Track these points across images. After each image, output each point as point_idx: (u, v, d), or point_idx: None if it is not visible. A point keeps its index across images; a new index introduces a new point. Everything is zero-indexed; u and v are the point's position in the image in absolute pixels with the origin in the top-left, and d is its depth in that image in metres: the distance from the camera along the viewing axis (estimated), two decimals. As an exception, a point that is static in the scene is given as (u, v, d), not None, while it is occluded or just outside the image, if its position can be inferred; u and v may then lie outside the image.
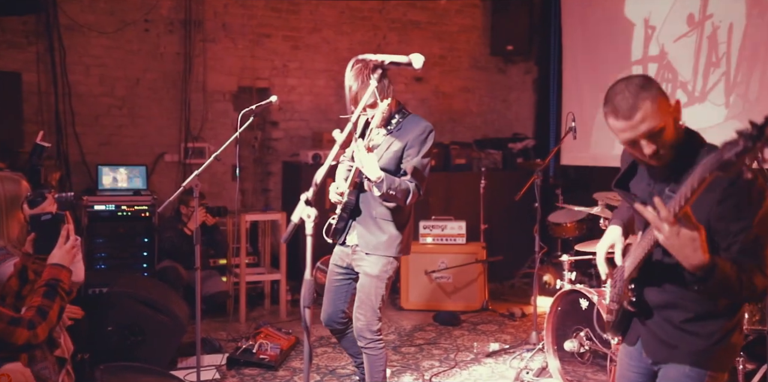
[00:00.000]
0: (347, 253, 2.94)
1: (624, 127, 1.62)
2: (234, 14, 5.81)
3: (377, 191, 2.64)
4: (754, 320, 2.90)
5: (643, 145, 1.63)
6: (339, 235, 2.93)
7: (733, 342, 1.75)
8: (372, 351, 2.87)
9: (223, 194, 5.87)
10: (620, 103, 1.61)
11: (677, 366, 1.77)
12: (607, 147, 5.54)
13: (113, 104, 5.49)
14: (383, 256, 2.83)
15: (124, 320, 3.47)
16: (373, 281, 2.84)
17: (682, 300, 1.73)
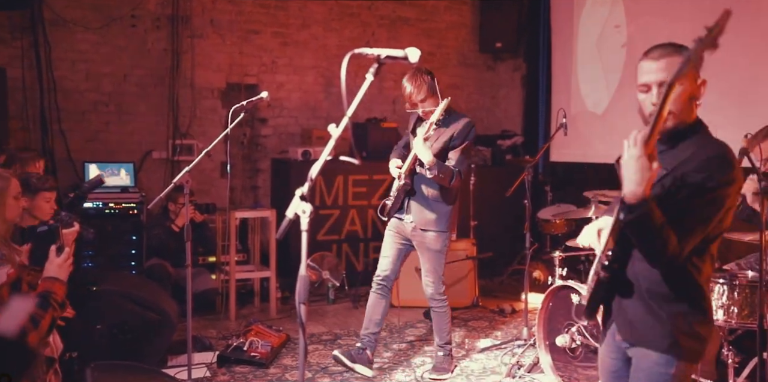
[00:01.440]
0: (405, 227, 3.54)
1: (648, 68, 1.76)
2: (222, 10, 5.77)
3: (429, 173, 3.26)
4: (743, 314, 2.93)
5: (654, 93, 1.74)
6: (394, 212, 3.55)
7: (700, 332, 1.78)
8: (441, 310, 3.59)
9: (212, 191, 5.83)
10: (657, 48, 1.78)
11: (645, 352, 1.80)
12: (595, 144, 5.58)
13: (100, 100, 5.43)
14: (439, 231, 3.44)
15: (113, 318, 3.43)
16: (436, 254, 3.50)
17: (645, 275, 1.78)
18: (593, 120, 5.54)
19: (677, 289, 1.77)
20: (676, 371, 1.77)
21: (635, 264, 1.81)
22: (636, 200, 1.61)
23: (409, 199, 3.50)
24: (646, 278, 1.78)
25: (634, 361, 1.87)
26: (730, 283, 2.93)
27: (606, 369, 1.99)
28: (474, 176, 5.44)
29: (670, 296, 1.77)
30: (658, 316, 1.77)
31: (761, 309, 2.71)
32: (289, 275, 5.28)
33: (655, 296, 1.78)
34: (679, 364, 1.77)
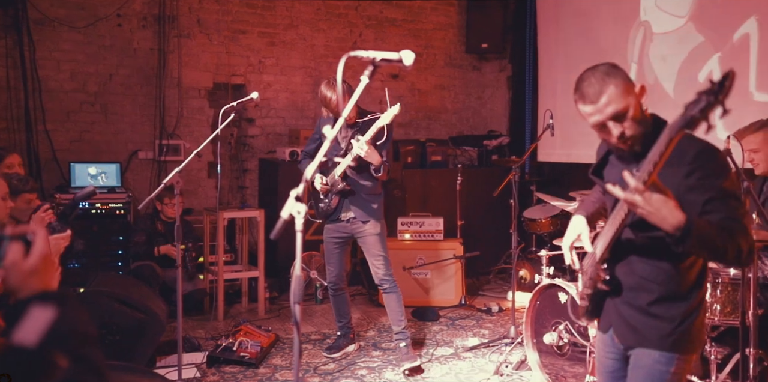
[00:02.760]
0: (344, 225, 3.81)
1: (592, 111, 1.73)
2: (209, 10, 5.75)
3: (376, 173, 3.57)
4: (725, 311, 2.99)
5: (611, 128, 1.72)
6: (332, 214, 3.79)
7: (696, 324, 1.81)
8: (393, 290, 3.78)
9: (199, 191, 5.81)
10: (587, 89, 1.73)
11: (646, 352, 1.83)
12: (581, 144, 5.63)
13: (85, 100, 5.38)
14: (377, 218, 3.76)
15: (101, 319, 3.41)
16: (378, 238, 3.76)
17: (648, 282, 1.80)
18: (579, 121, 5.59)
19: (683, 288, 1.79)
20: (676, 369, 1.80)
21: (637, 269, 1.81)
22: (680, 228, 1.57)
23: (345, 199, 3.75)
24: (651, 281, 1.79)
25: (632, 359, 1.89)
26: (713, 281, 2.99)
27: (604, 370, 2.01)
28: (461, 176, 5.48)
29: (675, 296, 1.79)
30: (661, 318, 1.80)
31: (743, 306, 2.77)
32: (277, 275, 5.28)
33: (664, 299, 1.79)
34: (679, 361, 1.80)
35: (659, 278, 1.79)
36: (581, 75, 1.78)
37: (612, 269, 1.84)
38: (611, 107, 1.70)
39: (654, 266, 1.78)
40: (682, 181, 1.69)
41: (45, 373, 0.99)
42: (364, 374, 3.70)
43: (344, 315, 4.02)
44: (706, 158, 1.70)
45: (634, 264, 1.82)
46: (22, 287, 1.10)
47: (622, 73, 1.75)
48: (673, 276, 1.78)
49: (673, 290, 1.79)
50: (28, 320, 1.01)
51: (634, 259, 1.82)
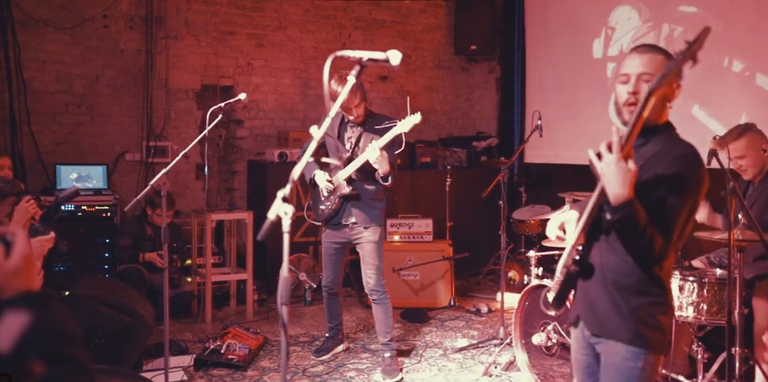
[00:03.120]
0: (344, 230, 3.71)
1: (632, 60, 1.86)
2: (197, 11, 5.73)
3: (390, 179, 3.46)
4: (712, 311, 3.01)
5: (631, 83, 1.84)
6: (333, 217, 3.68)
7: (662, 323, 1.84)
8: (384, 301, 3.70)
9: (187, 193, 5.78)
10: (644, 46, 1.90)
11: (612, 347, 1.86)
12: (569, 145, 5.67)
13: (71, 102, 5.34)
14: (378, 225, 3.66)
15: (87, 322, 3.38)
16: (377, 246, 3.67)
17: (612, 271, 1.84)
18: (567, 122, 5.63)
19: (642, 282, 1.82)
20: (644, 365, 1.82)
21: (603, 257, 1.87)
22: (621, 201, 1.67)
23: (348, 203, 3.64)
24: (613, 271, 1.85)
25: (602, 358, 1.92)
26: (700, 281, 3.01)
27: (579, 366, 2.05)
28: (450, 177, 5.48)
29: (634, 288, 1.83)
30: (622, 308, 1.83)
31: (729, 306, 2.79)
32: (266, 278, 5.26)
33: (620, 289, 1.84)
34: (646, 357, 1.82)
35: (621, 267, 1.83)
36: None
37: (586, 252, 1.89)
38: (645, 67, 1.82)
39: (617, 254, 1.83)
40: (654, 176, 1.77)
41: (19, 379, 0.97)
42: (352, 376, 3.69)
43: (336, 317, 4.00)
44: (685, 165, 1.77)
45: (603, 252, 1.87)
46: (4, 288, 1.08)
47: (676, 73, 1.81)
48: (633, 267, 1.82)
49: (635, 282, 1.83)
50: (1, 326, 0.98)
51: (603, 246, 1.87)
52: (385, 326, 3.71)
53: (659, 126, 1.85)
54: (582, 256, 1.88)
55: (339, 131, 3.63)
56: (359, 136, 3.61)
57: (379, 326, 3.74)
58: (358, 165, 3.50)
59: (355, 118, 3.55)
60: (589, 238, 1.88)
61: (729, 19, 4.35)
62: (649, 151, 1.82)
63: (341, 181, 3.59)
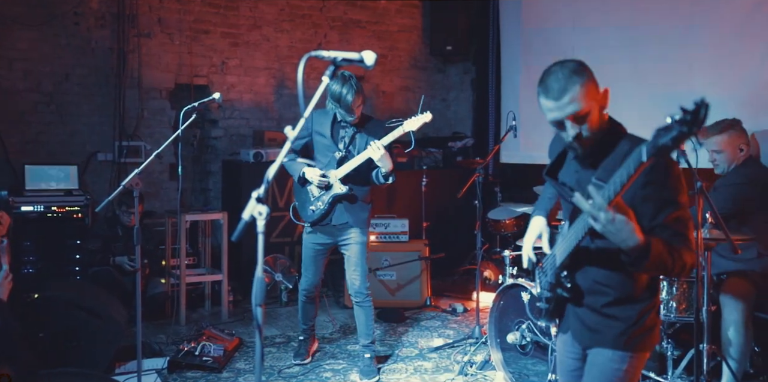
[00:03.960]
0: (332, 231, 3.65)
1: (552, 106, 1.72)
2: (170, 9, 5.65)
3: (392, 179, 3.50)
4: (681, 308, 3.08)
5: (568, 127, 1.72)
6: (323, 218, 3.61)
7: (648, 323, 1.86)
8: (367, 304, 3.69)
9: (160, 193, 5.70)
10: (552, 84, 1.71)
11: (601, 350, 1.88)
12: (543, 146, 5.72)
13: (40, 101, 5.23)
14: (366, 227, 3.66)
15: (57, 325, 3.32)
16: (363, 247, 3.64)
17: (603, 286, 1.84)
18: (541, 122, 5.68)
19: (633, 292, 1.83)
20: (628, 367, 1.84)
21: (591, 274, 1.86)
22: (638, 250, 1.60)
23: (339, 204, 3.59)
24: (606, 286, 1.84)
25: (589, 358, 1.94)
26: (669, 279, 3.07)
27: (565, 369, 2.06)
28: (425, 178, 5.50)
29: (626, 299, 1.83)
30: (616, 318, 1.84)
31: (698, 303, 2.85)
32: (241, 279, 5.21)
33: (612, 304, 1.84)
34: (632, 359, 1.84)
35: (613, 282, 1.83)
36: (549, 68, 1.74)
37: (571, 274, 1.87)
38: (572, 107, 1.69)
39: (608, 271, 1.82)
40: (637, 191, 1.69)
41: None
42: (329, 377, 3.68)
43: (310, 319, 3.95)
44: (663, 171, 1.69)
45: (590, 269, 1.86)
46: None
47: (590, 73, 1.74)
48: (626, 280, 1.82)
49: (627, 294, 1.83)
50: None
51: (591, 264, 1.85)
52: (366, 328, 3.70)
53: (607, 134, 1.79)
54: (570, 281, 1.86)
55: (332, 131, 3.57)
56: (353, 136, 3.56)
57: (361, 329, 3.71)
58: (357, 164, 3.46)
59: (354, 119, 3.50)
60: (574, 257, 1.83)
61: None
62: (619, 154, 1.72)
63: (336, 181, 3.53)
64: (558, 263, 1.87)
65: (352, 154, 3.52)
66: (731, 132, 3.28)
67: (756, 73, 4.18)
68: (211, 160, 5.97)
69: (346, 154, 3.54)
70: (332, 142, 3.56)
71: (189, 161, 5.83)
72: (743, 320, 3.11)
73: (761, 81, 4.16)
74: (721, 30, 4.31)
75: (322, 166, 3.58)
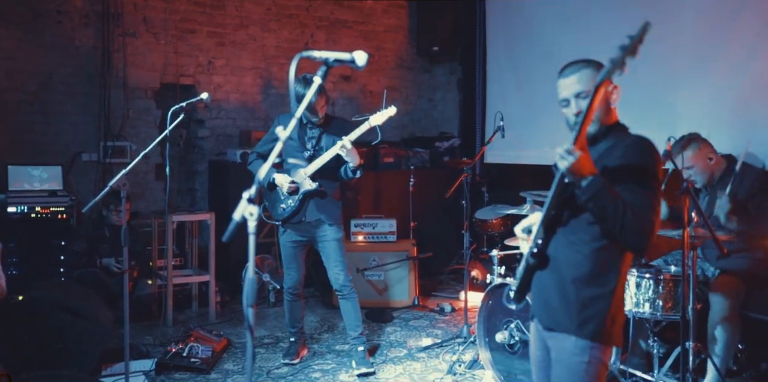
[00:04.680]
0: (306, 228, 3.71)
1: (562, 85, 1.97)
2: (155, 8, 5.61)
3: (353, 174, 3.57)
4: (667, 307, 3.11)
5: (572, 105, 1.95)
6: (294, 215, 3.66)
7: (609, 315, 1.90)
8: (352, 296, 3.77)
9: (146, 194, 5.66)
10: (567, 66, 1.98)
11: (560, 341, 1.93)
12: (530, 146, 5.76)
13: (23, 100, 5.17)
14: (339, 223, 3.73)
15: (43, 327, 3.28)
16: (340, 243, 3.72)
17: (564, 263, 1.92)
18: (527, 122, 5.72)
19: (593, 274, 1.89)
20: (590, 358, 1.89)
21: (559, 250, 1.93)
22: (590, 182, 1.77)
23: (310, 200, 3.66)
24: (566, 263, 1.92)
25: (552, 353, 1.99)
26: (656, 277, 3.11)
27: (533, 359, 2.13)
28: (413, 178, 5.52)
29: (585, 280, 1.89)
30: (571, 299, 1.90)
31: (684, 302, 2.89)
32: (229, 279, 5.19)
33: (572, 281, 1.90)
34: (593, 350, 1.88)
35: (575, 259, 1.90)
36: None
37: (544, 245, 1.96)
38: (577, 86, 1.92)
39: (573, 248, 1.91)
40: (614, 161, 1.87)
41: None
42: (317, 377, 3.68)
43: (298, 321, 3.96)
44: (636, 147, 1.88)
45: (559, 245, 1.94)
46: None
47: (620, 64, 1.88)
48: (586, 258, 1.89)
49: (585, 273, 1.89)
50: None
51: (558, 238, 1.94)
52: (355, 320, 3.77)
53: (610, 126, 1.96)
54: (540, 249, 1.95)
55: (299, 132, 3.67)
56: (320, 136, 3.66)
57: (349, 321, 3.77)
58: (325, 161, 3.54)
59: (319, 119, 3.61)
60: (547, 232, 1.94)
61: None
62: (601, 147, 1.93)
63: (306, 178, 3.60)
64: (534, 234, 1.96)
65: (320, 152, 3.60)
66: (693, 146, 3.36)
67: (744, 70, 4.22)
68: (197, 161, 5.94)
69: (314, 153, 3.63)
70: (299, 144, 3.67)
71: (175, 161, 5.79)
72: (731, 318, 3.16)
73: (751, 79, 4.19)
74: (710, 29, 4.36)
75: (291, 167, 3.67)
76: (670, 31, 4.41)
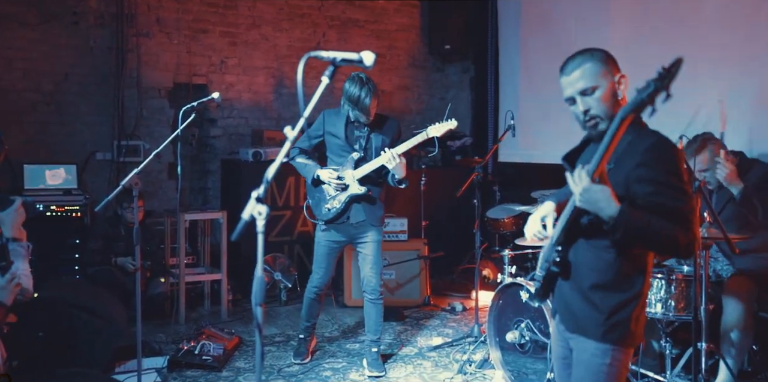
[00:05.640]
0: (349, 229, 3.70)
1: (564, 83, 1.87)
2: (168, 8, 5.65)
3: (405, 184, 3.60)
4: (679, 307, 3.08)
5: (578, 102, 1.85)
6: (339, 216, 3.67)
7: (632, 318, 1.86)
8: (380, 301, 3.78)
9: (159, 193, 5.71)
10: (567, 62, 1.88)
11: (583, 343, 1.90)
12: (542, 145, 5.74)
13: (39, 100, 5.23)
14: (381, 225, 3.76)
15: (57, 325, 3.32)
16: (378, 246, 3.73)
17: (588, 269, 1.87)
18: (540, 121, 5.69)
19: (617, 280, 1.85)
20: (612, 360, 1.86)
21: (580, 256, 1.89)
22: (616, 217, 1.68)
23: (356, 203, 3.65)
24: (591, 269, 1.87)
25: (574, 354, 1.96)
26: (668, 278, 3.08)
27: (556, 356, 2.10)
28: (424, 177, 5.51)
29: (609, 286, 1.85)
30: (596, 307, 1.86)
31: (696, 302, 2.86)
32: (241, 278, 5.22)
33: (595, 288, 1.86)
34: (615, 352, 1.86)
35: (598, 265, 1.86)
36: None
37: (565, 252, 1.92)
38: (581, 83, 1.82)
39: (595, 253, 1.86)
40: (632, 172, 1.76)
41: None
42: (328, 376, 3.69)
43: (314, 317, 3.96)
44: (658, 150, 1.76)
45: (580, 249, 1.89)
46: None
47: (606, 56, 1.86)
48: (610, 265, 1.84)
49: (610, 280, 1.85)
50: None
51: (581, 244, 1.89)
52: (376, 324, 3.78)
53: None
54: (561, 256, 1.90)
55: (345, 132, 3.62)
56: (368, 136, 3.62)
57: (370, 325, 3.79)
58: (372, 168, 3.54)
59: (368, 120, 3.56)
60: (567, 238, 1.89)
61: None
62: (620, 144, 1.78)
63: (354, 182, 3.59)
64: (553, 241, 1.92)
65: (370, 153, 3.58)
66: (708, 148, 3.31)
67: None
68: (209, 160, 5.98)
69: (364, 155, 3.60)
70: (346, 143, 3.62)
71: (188, 160, 5.84)
72: (745, 319, 3.12)
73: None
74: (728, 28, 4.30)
75: (336, 165, 3.64)
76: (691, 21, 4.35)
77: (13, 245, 2.32)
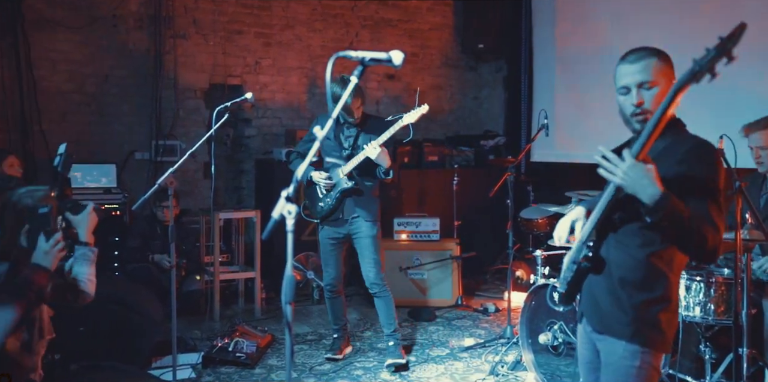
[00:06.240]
0: (343, 225, 3.76)
1: (625, 71, 1.84)
2: (204, 10, 5.75)
3: (385, 175, 3.64)
4: (719, 311, 3.00)
5: (633, 93, 1.82)
6: (334, 213, 3.74)
7: (661, 319, 1.82)
8: (385, 294, 3.78)
9: (194, 192, 5.81)
10: (633, 52, 1.86)
11: (612, 345, 1.86)
12: (577, 145, 5.65)
13: (82, 101, 5.38)
14: (376, 220, 3.77)
15: (97, 320, 3.41)
16: (375, 241, 3.75)
17: (617, 266, 1.84)
18: (575, 121, 5.60)
19: (646, 278, 1.82)
20: (642, 363, 1.82)
21: (610, 253, 1.87)
22: (656, 198, 1.66)
23: (349, 198, 3.74)
24: (618, 266, 1.85)
25: (602, 356, 1.93)
26: (707, 280, 2.99)
27: (582, 360, 2.07)
28: (457, 177, 5.48)
29: (638, 284, 1.83)
30: (624, 304, 1.83)
31: (736, 307, 2.77)
32: (274, 276, 5.27)
33: (624, 285, 1.84)
34: (644, 355, 1.82)
35: (627, 263, 1.83)
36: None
37: (596, 245, 1.90)
38: (642, 75, 1.80)
39: (626, 251, 1.83)
40: (672, 167, 1.76)
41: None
42: (360, 375, 3.70)
43: (340, 318, 4.00)
44: (699, 153, 1.77)
45: (611, 247, 1.87)
46: None
47: (668, 59, 1.85)
48: (640, 263, 1.82)
49: (639, 278, 1.82)
50: None
51: (611, 242, 1.87)
52: (388, 317, 3.80)
53: (670, 123, 1.81)
54: (593, 252, 1.89)
55: (335, 132, 3.73)
56: (357, 135, 3.72)
57: (382, 319, 3.82)
58: (357, 162, 3.63)
59: (355, 119, 3.66)
60: (598, 235, 1.88)
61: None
62: (656, 146, 1.77)
63: (342, 177, 3.68)
64: (583, 239, 1.90)
65: (358, 151, 3.66)
66: None
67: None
68: (244, 159, 6.06)
69: (353, 152, 3.70)
70: (336, 143, 3.73)
71: (222, 160, 5.93)
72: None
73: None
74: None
75: (330, 166, 3.75)
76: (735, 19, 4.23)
77: (83, 249, 2.39)
